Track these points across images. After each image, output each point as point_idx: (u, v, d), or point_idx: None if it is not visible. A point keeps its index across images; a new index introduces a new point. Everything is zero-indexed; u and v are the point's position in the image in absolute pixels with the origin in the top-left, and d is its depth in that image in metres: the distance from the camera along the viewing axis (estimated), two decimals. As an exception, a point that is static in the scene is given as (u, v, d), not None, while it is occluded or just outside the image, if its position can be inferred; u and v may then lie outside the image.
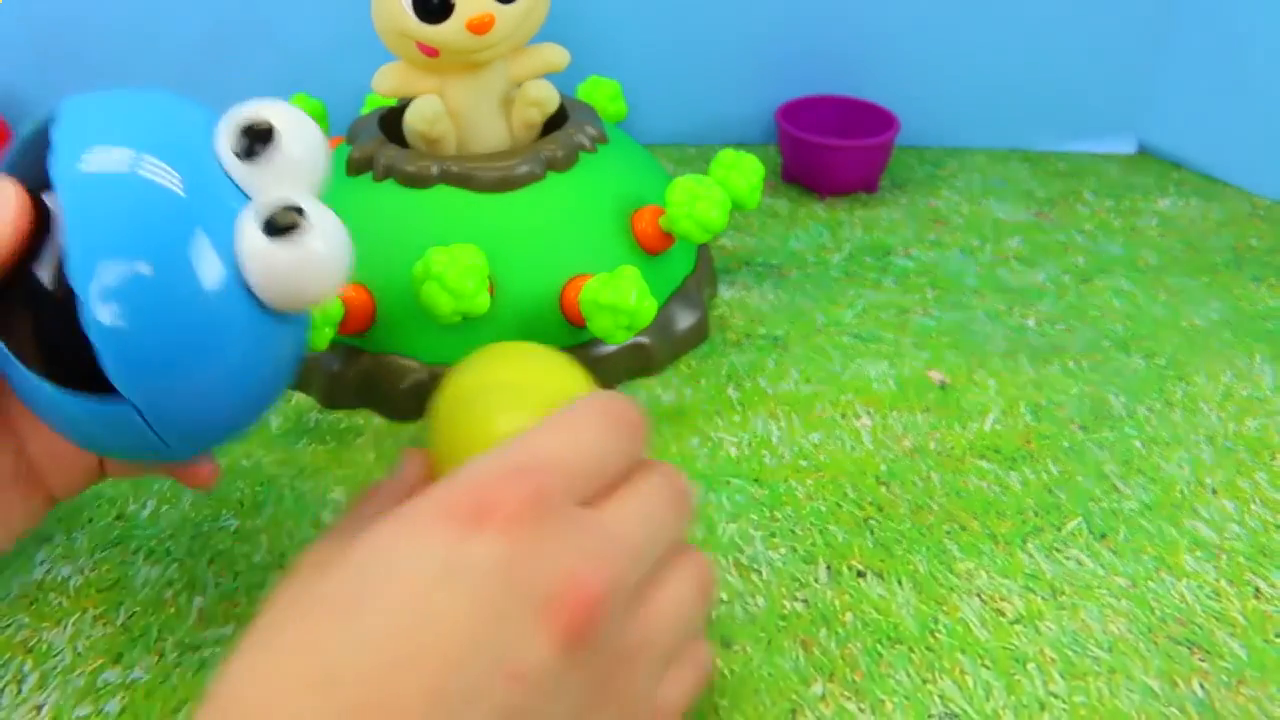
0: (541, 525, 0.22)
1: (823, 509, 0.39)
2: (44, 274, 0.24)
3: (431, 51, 0.42)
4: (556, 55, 0.47)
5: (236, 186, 0.25)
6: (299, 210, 0.25)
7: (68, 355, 0.23)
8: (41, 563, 0.37)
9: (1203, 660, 0.33)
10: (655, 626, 0.24)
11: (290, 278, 0.25)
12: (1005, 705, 0.31)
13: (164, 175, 0.24)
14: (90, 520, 0.39)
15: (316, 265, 0.25)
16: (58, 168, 0.23)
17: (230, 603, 0.35)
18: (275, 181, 0.25)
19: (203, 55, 0.64)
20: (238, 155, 0.25)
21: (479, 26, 0.41)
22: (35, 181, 0.24)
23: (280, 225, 0.24)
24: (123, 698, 0.32)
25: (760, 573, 0.36)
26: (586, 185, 0.45)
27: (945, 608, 0.35)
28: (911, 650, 0.33)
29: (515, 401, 0.31)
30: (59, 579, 0.36)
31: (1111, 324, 0.51)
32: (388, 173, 0.44)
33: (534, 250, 0.43)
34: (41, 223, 0.24)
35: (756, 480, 0.40)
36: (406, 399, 0.43)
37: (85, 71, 0.64)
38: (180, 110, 0.26)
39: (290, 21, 0.64)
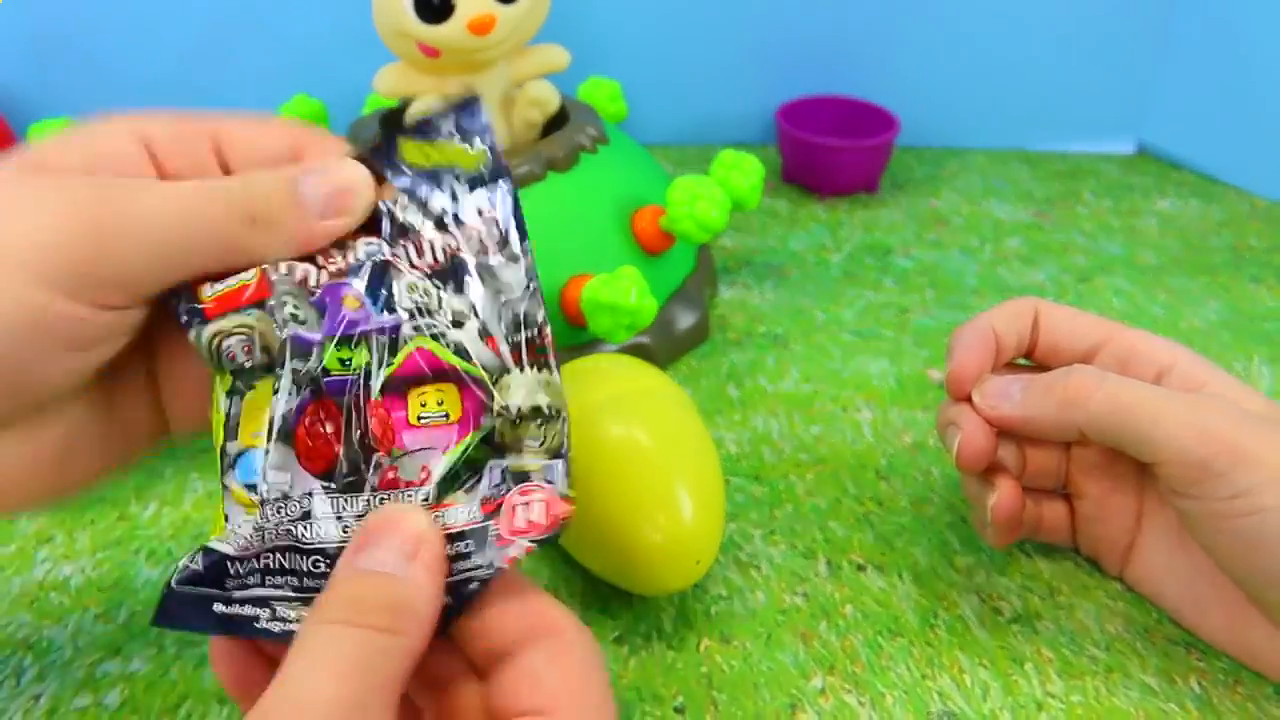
0: None
1: (823, 505, 0.39)
2: None
3: (432, 52, 0.42)
4: (557, 55, 0.47)
5: None
6: None
7: None
8: (43, 562, 0.37)
9: (1200, 660, 0.33)
10: None
11: None
12: (1003, 706, 0.31)
13: None
14: (92, 521, 0.39)
15: None
16: None
17: (231, 600, 0.35)
18: None
19: (203, 55, 0.64)
20: None
21: (480, 27, 0.41)
22: None
23: None
24: (122, 689, 0.32)
25: (760, 569, 0.36)
26: (587, 185, 0.45)
27: (945, 603, 0.35)
28: (912, 644, 0.33)
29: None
30: (60, 578, 0.36)
31: (1111, 323, 0.51)
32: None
33: (534, 250, 0.43)
34: None
35: (756, 478, 0.41)
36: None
37: (85, 72, 0.64)
38: None
39: (290, 21, 0.64)
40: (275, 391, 0.24)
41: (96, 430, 0.25)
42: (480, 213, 0.25)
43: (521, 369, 0.23)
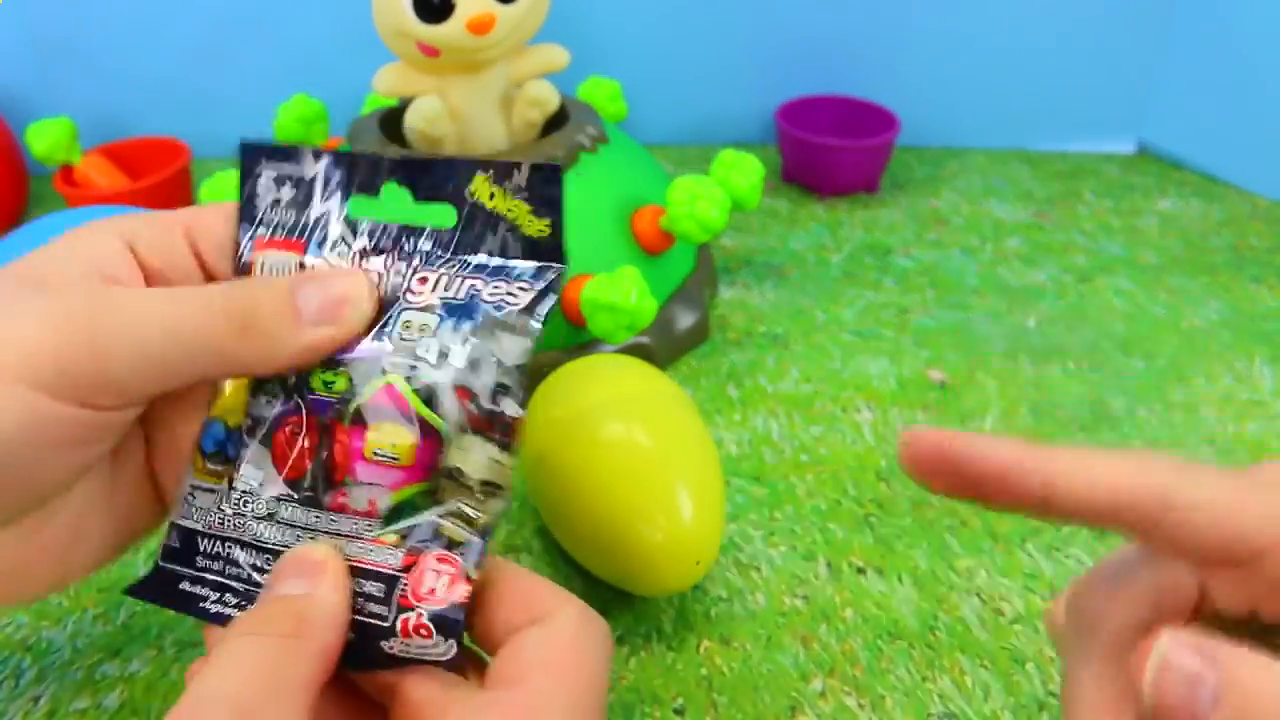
0: None
1: (823, 507, 0.39)
2: None
3: (432, 51, 0.42)
4: (556, 55, 0.47)
5: None
6: None
7: None
8: (42, 561, 0.37)
9: (1202, 659, 0.33)
10: None
11: None
12: (1004, 706, 0.31)
13: None
14: (90, 519, 0.39)
15: None
16: None
17: (230, 601, 0.35)
18: None
19: (203, 55, 0.64)
20: None
21: (479, 26, 0.41)
22: None
23: None
24: (121, 691, 0.32)
25: (760, 570, 0.36)
26: (586, 185, 0.45)
27: (945, 606, 0.35)
28: (912, 646, 0.33)
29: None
30: (59, 577, 0.36)
31: (1112, 324, 0.51)
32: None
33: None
34: None
35: (757, 478, 0.41)
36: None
37: (85, 72, 0.64)
38: None
39: (290, 21, 0.64)
40: (256, 388, 0.25)
41: (98, 519, 0.26)
42: (520, 276, 0.25)
43: (482, 438, 0.23)
